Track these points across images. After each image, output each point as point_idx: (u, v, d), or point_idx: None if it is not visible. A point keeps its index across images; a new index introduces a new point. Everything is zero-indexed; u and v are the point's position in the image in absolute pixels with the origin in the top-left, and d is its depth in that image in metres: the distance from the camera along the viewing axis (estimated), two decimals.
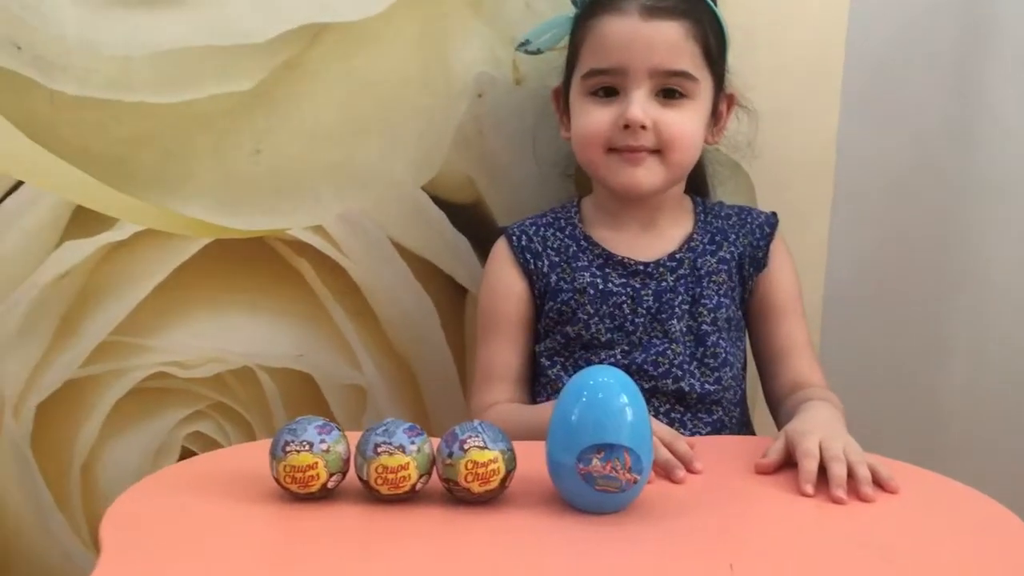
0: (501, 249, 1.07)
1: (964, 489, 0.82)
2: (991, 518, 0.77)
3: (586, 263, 1.03)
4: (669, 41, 0.95)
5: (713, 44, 0.99)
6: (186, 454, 1.18)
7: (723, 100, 1.03)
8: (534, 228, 1.06)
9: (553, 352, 1.02)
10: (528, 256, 1.04)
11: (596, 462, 0.73)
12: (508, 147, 1.16)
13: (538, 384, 1.04)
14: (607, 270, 1.02)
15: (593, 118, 0.98)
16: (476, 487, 0.73)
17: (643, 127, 0.96)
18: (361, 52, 1.12)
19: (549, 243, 1.05)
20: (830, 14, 1.15)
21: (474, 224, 1.16)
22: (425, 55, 1.13)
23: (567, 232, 1.05)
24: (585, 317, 1.00)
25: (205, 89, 1.10)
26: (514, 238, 1.05)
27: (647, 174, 0.98)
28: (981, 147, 1.20)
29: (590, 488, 0.73)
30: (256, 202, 1.14)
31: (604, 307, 1.00)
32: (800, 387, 0.99)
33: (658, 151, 0.98)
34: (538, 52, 1.06)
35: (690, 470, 0.83)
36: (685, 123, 0.97)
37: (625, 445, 0.72)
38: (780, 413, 1.00)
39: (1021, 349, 1.23)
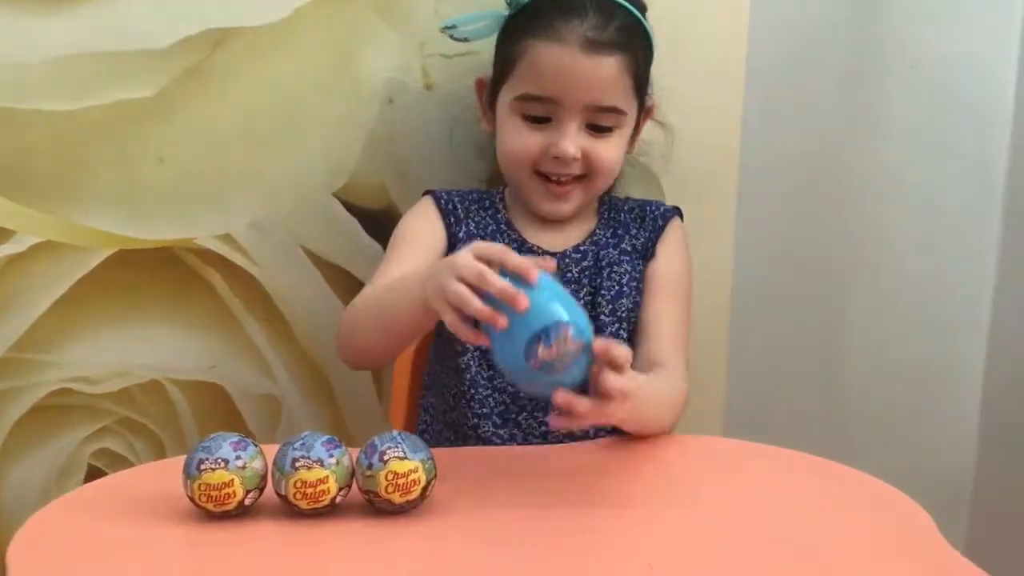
0: (426, 204, 1.07)
1: (874, 481, 0.85)
2: (883, 498, 0.81)
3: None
4: (605, 78, 0.97)
5: (643, 70, 1.01)
6: (93, 471, 1.14)
7: (643, 114, 1.05)
8: (459, 197, 1.07)
9: None
10: (451, 219, 1.05)
11: (541, 350, 0.73)
12: (419, 152, 1.16)
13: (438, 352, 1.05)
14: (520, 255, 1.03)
15: (524, 141, 0.99)
16: (397, 498, 0.73)
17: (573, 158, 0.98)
18: (267, 58, 1.10)
19: (471, 215, 1.06)
20: (730, 27, 1.18)
21: (386, 230, 1.14)
22: (333, 61, 1.12)
23: (490, 212, 1.06)
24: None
25: (104, 96, 1.07)
26: (442, 200, 1.06)
27: (569, 204, 1.02)
28: (875, 152, 1.24)
29: (552, 374, 0.74)
30: (161, 211, 1.11)
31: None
32: (654, 367, 0.99)
33: (583, 175, 1.00)
34: (464, 40, 1.05)
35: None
36: (611, 152, 1.00)
37: (553, 321, 0.73)
38: None
39: (919, 341, 1.28)
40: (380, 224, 1.15)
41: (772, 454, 0.90)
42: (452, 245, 1.04)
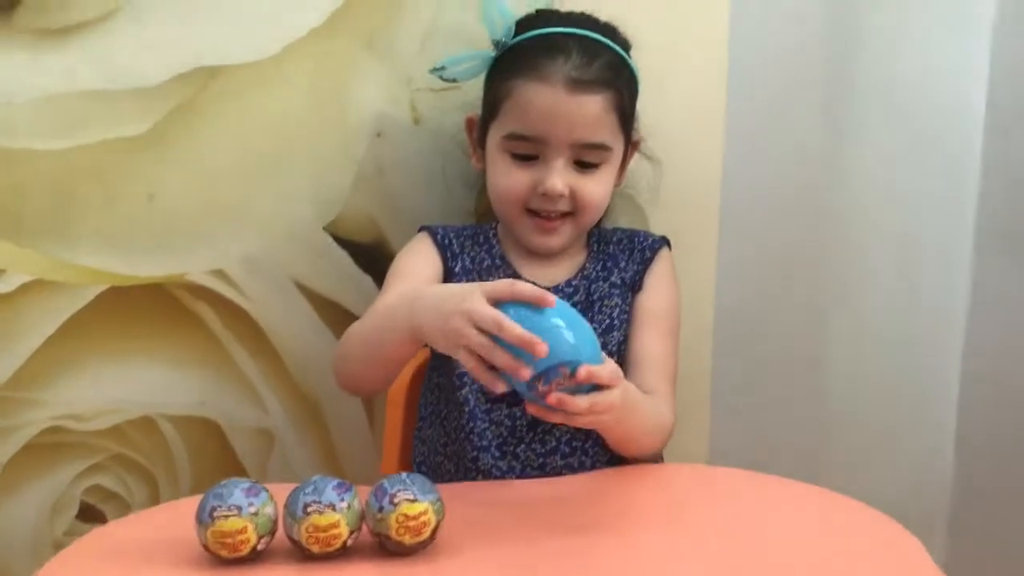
0: (422, 239, 1.08)
1: (867, 509, 0.87)
2: (881, 529, 0.83)
3: (496, 279, 1.04)
4: (590, 116, 0.99)
5: (628, 106, 1.03)
6: (85, 508, 1.14)
7: (630, 148, 1.07)
8: (454, 233, 1.08)
9: (445, 359, 0.99)
10: (447, 254, 1.06)
11: (541, 387, 0.77)
12: (409, 185, 1.17)
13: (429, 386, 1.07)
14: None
15: (513, 180, 1.01)
16: (408, 539, 0.74)
17: (560, 195, 1.00)
18: (256, 94, 1.11)
19: (466, 251, 1.07)
20: (712, 61, 1.21)
21: (377, 263, 1.16)
22: (321, 96, 1.13)
23: (484, 248, 1.08)
24: None
25: (95, 134, 1.08)
26: (438, 236, 1.07)
27: (559, 238, 1.04)
28: (851, 177, 1.28)
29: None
30: (152, 248, 1.11)
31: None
32: None
33: (570, 212, 1.02)
34: (454, 81, 1.07)
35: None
36: (599, 189, 1.02)
37: (553, 364, 0.76)
38: None
39: (896, 361, 1.32)
40: (371, 257, 1.17)
41: (767, 483, 0.93)
42: (447, 280, 1.05)
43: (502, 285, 0.79)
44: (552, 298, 0.77)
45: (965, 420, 1.33)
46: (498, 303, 0.79)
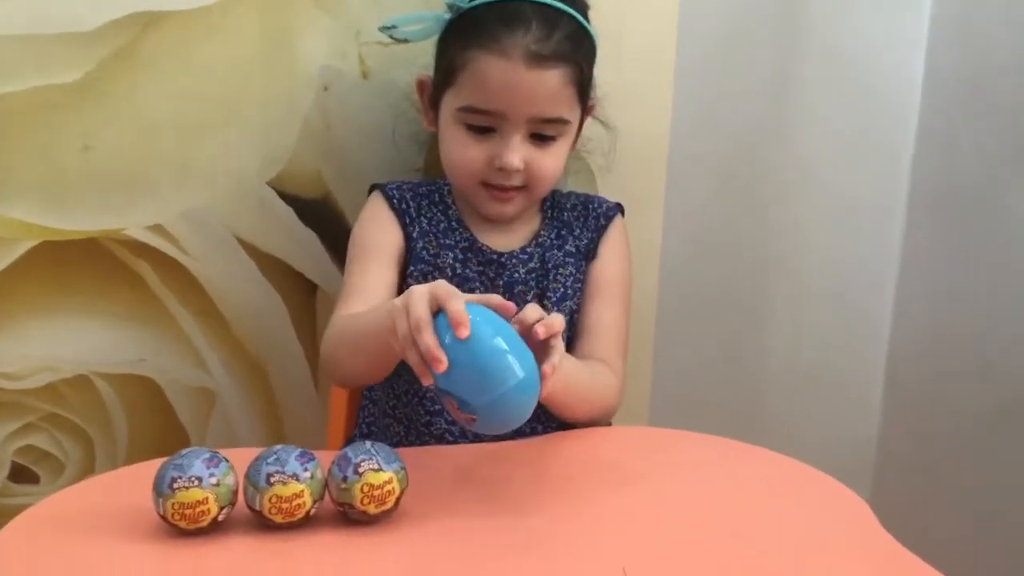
0: (378, 201, 1.06)
1: (806, 468, 0.90)
2: (821, 486, 0.87)
3: (452, 243, 1.05)
4: (549, 91, 0.97)
5: (586, 77, 1.01)
6: (17, 469, 1.11)
7: (584, 112, 1.06)
8: (411, 193, 1.06)
9: None
10: (405, 219, 1.05)
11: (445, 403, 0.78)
12: (356, 140, 1.14)
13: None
14: (469, 254, 1.04)
15: (469, 153, 0.99)
16: (372, 509, 0.74)
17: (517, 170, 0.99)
18: (199, 42, 1.07)
19: (423, 212, 1.06)
20: (661, 25, 1.21)
21: (323, 218, 1.14)
22: (267, 47, 1.10)
23: (440, 208, 1.06)
24: None
25: (25, 81, 1.02)
26: (394, 199, 1.05)
27: (513, 207, 1.03)
28: (797, 141, 1.30)
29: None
30: (87, 201, 1.07)
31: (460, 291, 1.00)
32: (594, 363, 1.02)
33: (524, 186, 1.01)
34: (404, 41, 1.03)
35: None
36: (554, 162, 1.01)
37: (440, 389, 0.76)
38: None
39: (832, 325, 1.36)
40: (316, 213, 1.14)
41: (720, 446, 0.95)
42: (408, 243, 1.04)
43: (442, 290, 0.76)
44: (465, 334, 0.74)
45: (894, 371, 1.38)
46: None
